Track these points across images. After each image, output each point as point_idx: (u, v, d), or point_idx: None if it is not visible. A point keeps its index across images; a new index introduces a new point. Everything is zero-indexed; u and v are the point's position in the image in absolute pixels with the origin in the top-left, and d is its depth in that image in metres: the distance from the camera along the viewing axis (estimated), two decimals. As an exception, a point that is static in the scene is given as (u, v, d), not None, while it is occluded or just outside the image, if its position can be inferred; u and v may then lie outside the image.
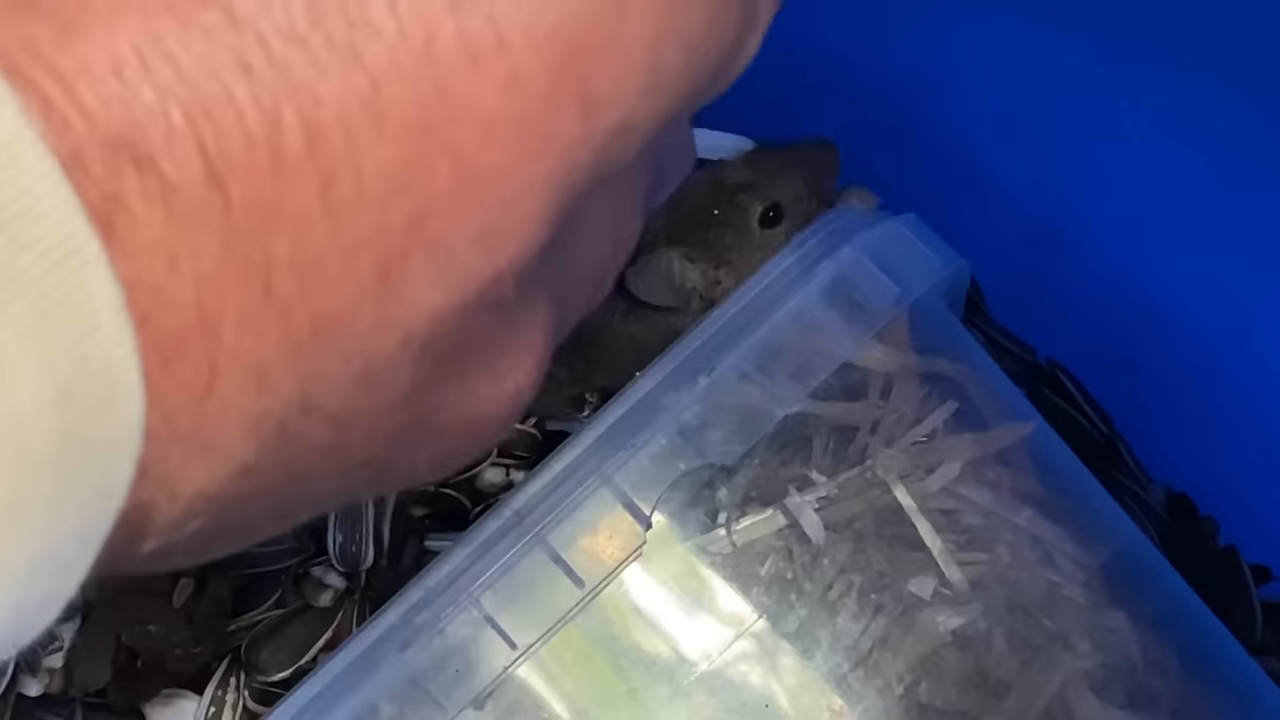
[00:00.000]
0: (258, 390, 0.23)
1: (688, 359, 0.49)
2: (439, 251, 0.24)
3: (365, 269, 0.23)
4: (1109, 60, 0.62)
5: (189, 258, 0.22)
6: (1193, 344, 0.67)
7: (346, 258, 0.23)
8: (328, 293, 0.23)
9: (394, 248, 0.23)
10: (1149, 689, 0.52)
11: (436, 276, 0.24)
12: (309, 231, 0.22)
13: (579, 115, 0.25)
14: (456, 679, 0.46)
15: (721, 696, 0.49)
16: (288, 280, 0.22)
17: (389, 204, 0.23)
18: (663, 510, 0.48)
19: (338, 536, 0.67)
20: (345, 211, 0.23)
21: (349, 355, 0.24)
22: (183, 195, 0.21)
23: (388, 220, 0.23)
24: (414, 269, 0.24)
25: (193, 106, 0.21)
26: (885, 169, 0.73)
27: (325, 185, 0.22)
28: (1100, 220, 0.68)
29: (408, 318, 0.24)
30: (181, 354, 0.22)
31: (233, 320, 0.22)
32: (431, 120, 0.23)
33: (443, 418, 0.28)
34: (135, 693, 0.68)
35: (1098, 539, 0.54)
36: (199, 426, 0.23)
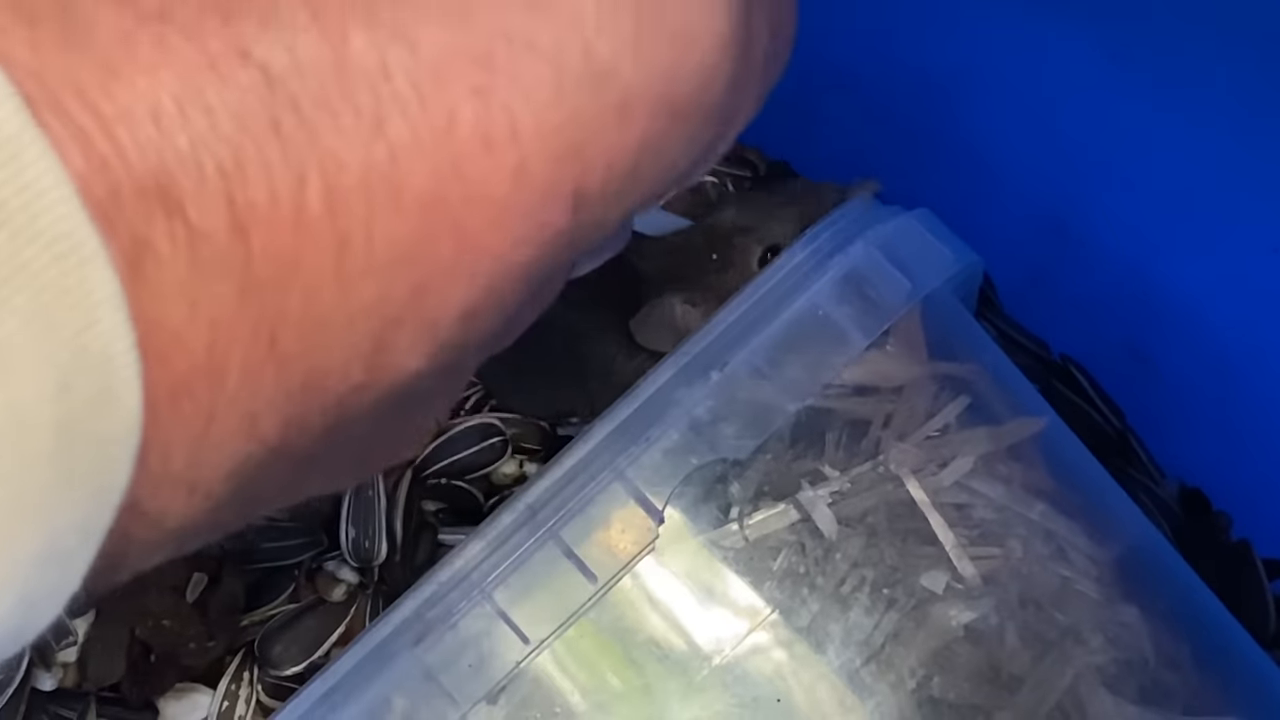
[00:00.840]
0: (246, 436, 0.24)
1: (700, 354, 0.49)
2: (427, 325, 0.25)
3: (363, 334, 0.24)
4: (1121, 55, 0.62)
5: (207, 304, 0.22)
6: (1205, 338, 0.67)
7: (349, 321, 0.24)
8: (325, 352, 0.24)
9: (391, 317, 0.24)
10: (1162, 684, 0.52)
11: (420, 347, 0.25)
12: (319, 291, 0.23)
13: (569, 209, 0.26)
14: (470, 673, 0.46)
15: (734, 691, 0.49)
16: (292, 335, 0.23)
17: (394, 274, 0.24)
18: (675, 505, 0.48)
19: (350, 531, 0.68)
20: (355, 276, 0.23)
21: (327, 408, 0.25)
22: (207, 243, 0.22)
23: (391, 290, 0.24)
24: (403, 339, 0.25)
25: (224, 158, 0.22)
26: (898, 164, 0.73)
27: (340, 248, 0.23)
28: (1112, 214, 0.68)
29: (386, 381, 0.25)
30: (188, 395, 0.22)
31: (237, 368, 0.23)
32: (445, 198, 0.24)
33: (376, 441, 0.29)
34: (149, 687, 0.68)
35: (1110, 534, 0.54)
36: (190, 467, 0.23)
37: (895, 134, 0.74)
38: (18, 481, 0.21)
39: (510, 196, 0.25)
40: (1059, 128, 0.67)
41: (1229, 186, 0.62)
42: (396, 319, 0.24)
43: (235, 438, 0.24)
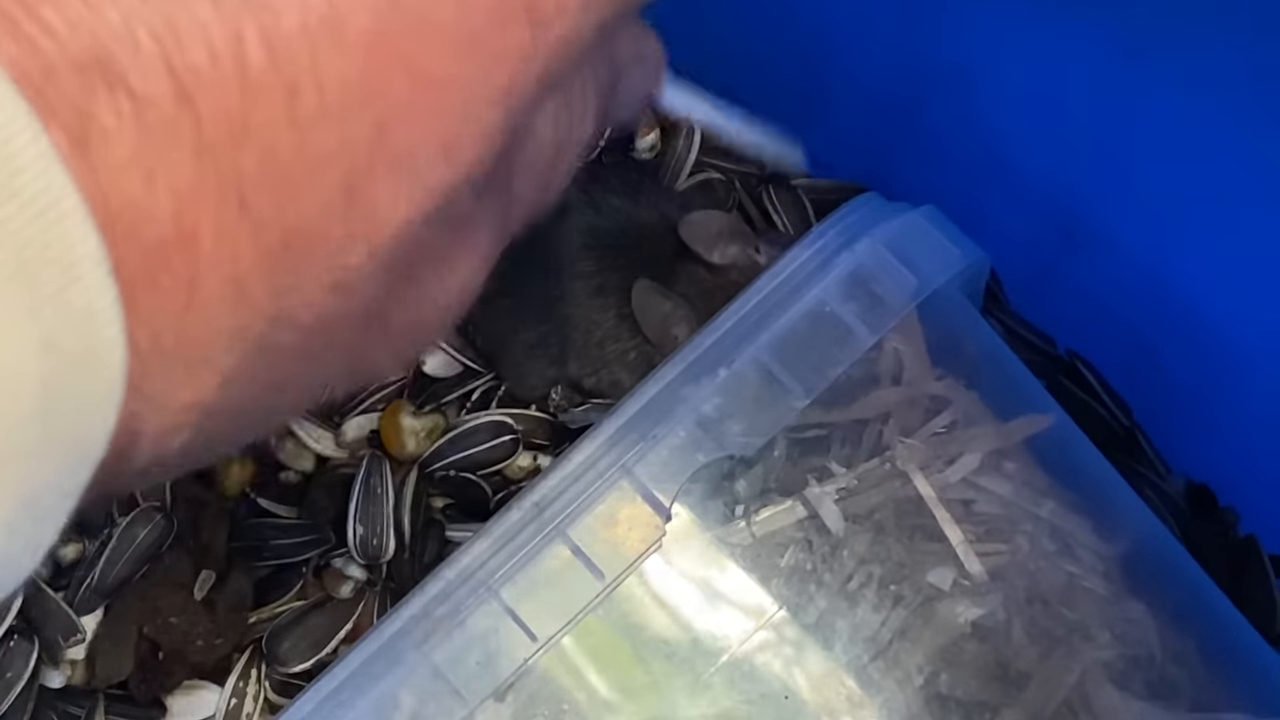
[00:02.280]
0: (236, 302, 0.24)
1: (707, 351, 0.49)
2: (402, 165, 0.25)
3: (332, 183, 0.24)
4: (1129, 51, 0.62)
5: (164, 172, 0.22)
6: (1212, 334, 0.67)
7: (313, 172, 0.24)
8: (297, 207, 0.24)
9: (359, 162, 0.24)
10: (1169, 679, 0.52)
11: (401, 190, 0.25)
12: (277, 145, 0.23)
13: (526, 28, 0.26)
14: (477, 670, 0.46)
15: (742, 687, 0.49)
16: (259, 194, 0.23)
17: (351, 116, 0.24)
18: (682, 502, 0.48)
19: (358, 528, 0.68)
20: (310, 124, 0.23)
21: (320, 269, 0.25)
22: (153, 111, 0.22)
23: (351, 134, 0.24)
24: (379, 184, 0.25)
25: (157, 26, 0.22)
26: (905, 160, 0.73)
27: (290, 98, 0.23)
28: (1120, 211, 0.68)
29: (374, 231, 0.25)
30: (164, 266, 0.22)
31: (210, 232, 0.23)
32: (387, 31, 0.24)
33: (398, 317, 0.29)
34: (157, 684, 0.68)
35: (1117, 530, 0.54)
36: (183, 340, 0.23)
37: (902, 130, 0.74)
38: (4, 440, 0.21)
39: (456, 22, 0.24)
40: (1066, 125, 0.67)
41: (1237, 183, 0.62)
42: (365, 165, 0.24)
43: (224, 305, 0.24)
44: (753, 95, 0.78)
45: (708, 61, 0.77)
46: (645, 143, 0.79)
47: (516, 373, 0.72)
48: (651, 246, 0.67)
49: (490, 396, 0.73)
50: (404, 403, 0.71)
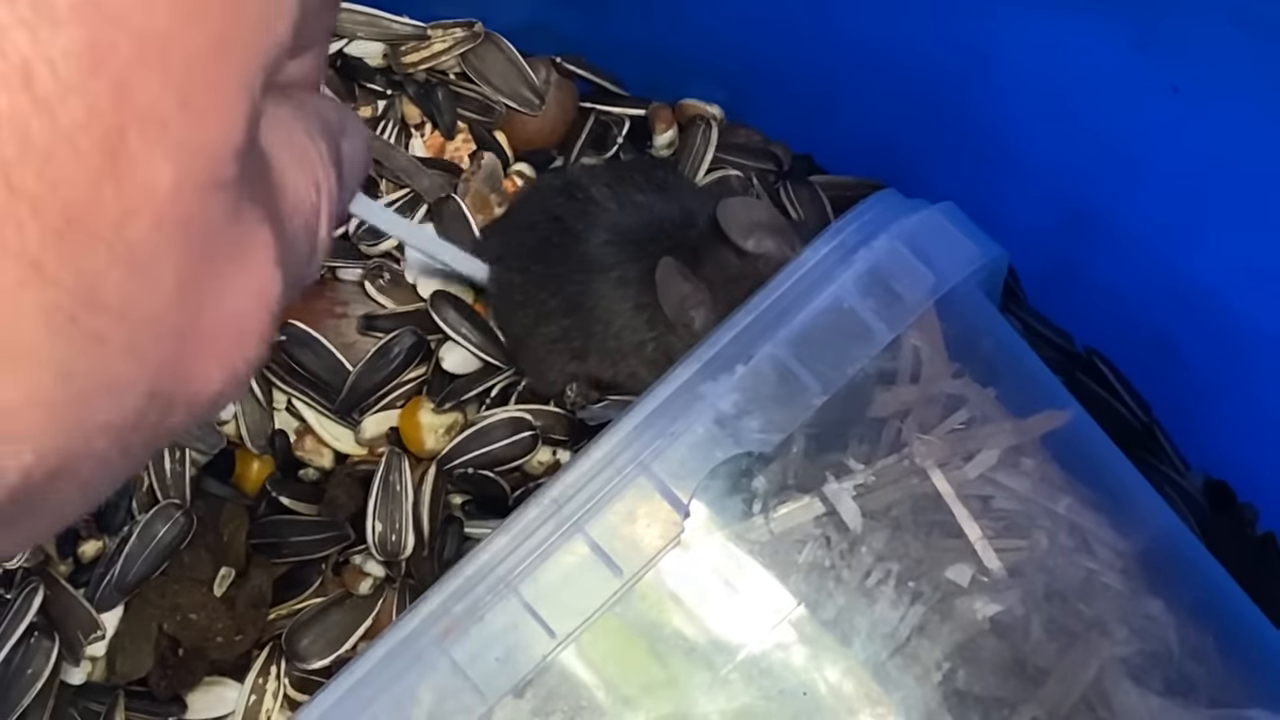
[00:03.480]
0: (37, 281, 0.24)
1: (725, 348, 0.49)
2: (153, 125, 0.25)
3: (91, 151, 0.24)
4: (1146, 47, 0.62)
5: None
6: (1231, 331, 0.67)
7: (70, 143, 0.24)
8: (67, 181, 0.24)
9: (110, 126, 0.25)
10: (1187, 676, 0.52)
11: (160, 151, 0.26)
12: (28, 126, 0.24)
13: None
14: (496, 667, 0.46)
15: (760, 683, 0.49)
16: (25, 174, 0.24)
17: (89, 84, 0.24)
18: (701, 498, 0.48)
19: (377, 525, 0.68)
20: (54, 100, 0.24)
21: (112, 243, 0.25)
22: None
23: (95, 102, 0.24)
24: (135, 144, 0.25)
25: None
26: (922, 158, 0.73)
27: (26, 81, 0.24)
28: (1138, 207, 0.68)
29: (150, 199, 0.26)
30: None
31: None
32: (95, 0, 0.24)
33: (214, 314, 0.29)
34: (177, 681, 0.68)
35: (1135, 526, 0.54)
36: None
37: (920, 128, 0.74)
38: None
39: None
40: (1083, 121, 0.67)
41: (1255, 179, 0.62)
42: (117, 126, 0.25)
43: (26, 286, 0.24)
44: (770, 94, 0.79)
45: (724, 60, 0.77)
46: (663, 139, 0.79)
47: (537, 368, 0.73)
48: (673, 239, 0.67)
49: (509, 393, 0.73)
50: (423, 399, 0.72)
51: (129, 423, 0.28)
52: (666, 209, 0.69)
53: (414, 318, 0.73)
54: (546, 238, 0.70)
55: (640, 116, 0.80)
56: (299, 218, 0.33)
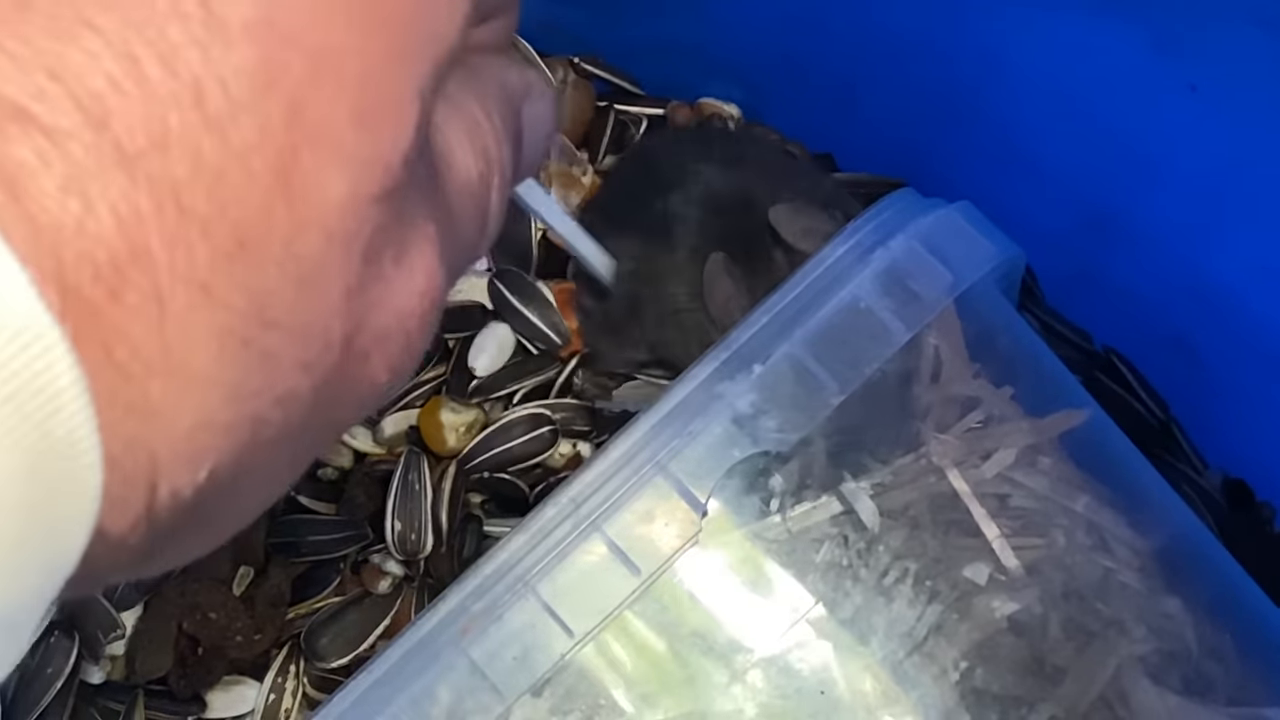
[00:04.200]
0: (207, 304, 0.24)
1: (742, 347, 0.49)
2: (325, 141, 0.25)
3: (263, 171, 0.24)
4: (1163, 46, 0.62)
5: (98, 192, 0.23)
6: (1249, 329, 0.67)
7: (242, 164, 0.24)
8: (237, 201, 0.24)
9: (283, 145, 0.25)
10: (1205, 674, 0.52)
11: (333, 166, 0.26)
12: (200, 146, 0.24)
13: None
14: (514, 666, 0.47)
15: (777, 682, 0.49)
16: (196, 195, 0.24)
17: (261, 104, 0.24)
18: (718, 498, 0.48)
19: (396, 524, 0.68)
20: (225, 120, 0.24)
21: (281, 261, 0.25)
22: (72, 141, 0.22)
23: (267, 121, 0.24)
24: (309, 163, 0.25)
25: (53, 66, 0.23)
26: (940, 157, 0.73)
27: (198, 100, 0.23)
28: (1155, 206, 0.68)
29: (321, 214, 0.26)
30: (123, 280, 0.23)
31: (158, 240, 0.23)
32: (268, 17, 0.24)
33: (379, 318, 0.29)
34: (196, 680, 0.68)
35: (1153, 525, 0.54)
36: (168, 351, 0.24)
37: (937, 127, 0.74)
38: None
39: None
40: (1102, 120, 0.67)
41: (1273, 178, 0.62)
42: (289, 146, 0.25)
43: (196, 309, 0.24)
44: (787, 92, 0.79)
45: (742, 60, 0.77)
46: (682, 136, 0.79)
47: (595, 344, 0.73)
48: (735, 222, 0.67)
49: (531, 396, 0.73)
50: (443, 398, 0.72)
51: (297, 429, 0.28)
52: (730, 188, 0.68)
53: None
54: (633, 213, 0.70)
55: (658, 115, 0.80)
56: (467, 196, 0.33)
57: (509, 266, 0.74)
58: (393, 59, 0.27)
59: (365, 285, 0.28)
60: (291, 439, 0.28)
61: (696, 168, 0.69)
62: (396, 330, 0.30)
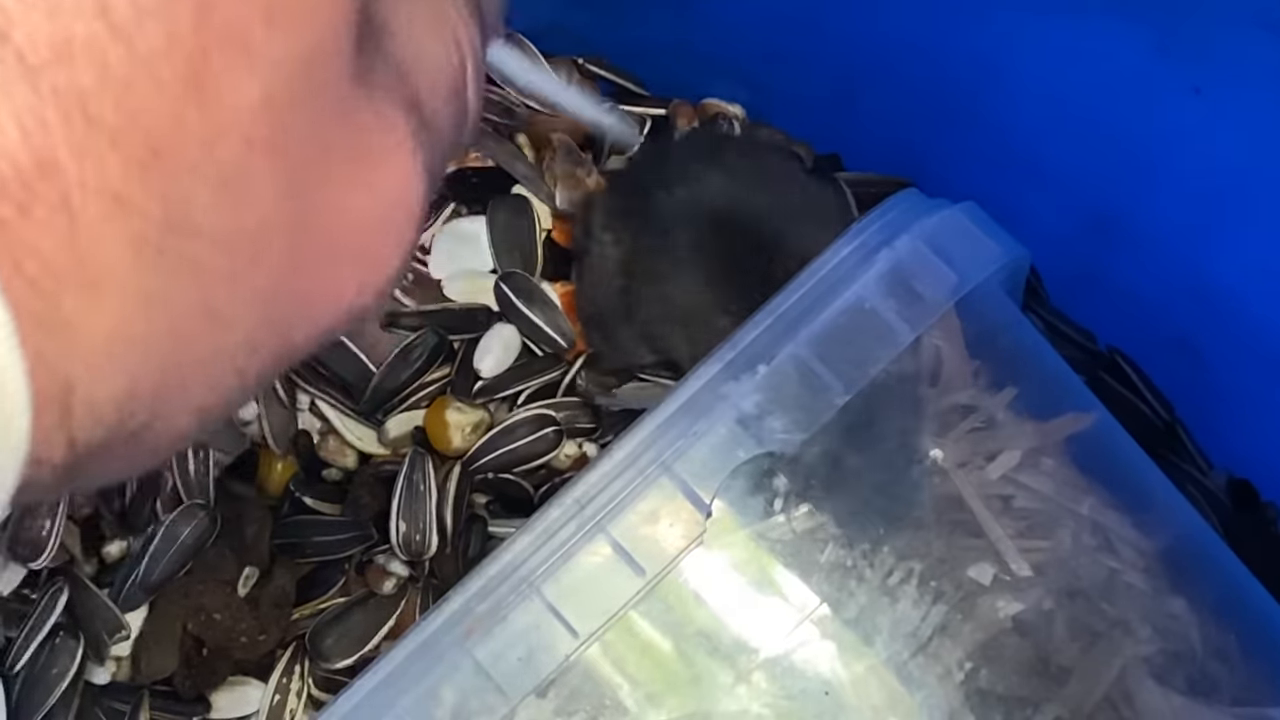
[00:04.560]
0: (120, 213, 0.24)
1: (746, 348, 0.49)
2: (233, 41, 0.25)
3: (172, 78, 0.24)
4: (1167, 48, 0.62)
5: (1, 106, 0.22)
6: (1253, 328, 0.67)
7: (150, 71, 0.24)
8: (148, 110, 0.24)
9: (191, 50, 0.24)
10: (1209, 675, 0.52)
11: (244, 69, 0.25)
12: (106, 56, 0.23)
13: None
14: (519, 667, 0.47)
15: (782, 683, 0.49)
16: (104, 104, 0.23)
17: (167, 8, 0.24)
18: (723, 498, 0.48)
19: (401, 525, 0.68)
20: (130, 27, 0.23)
21: (198, 167, 0.25)
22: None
23: (174, 26, 0.24)
24: (219, 66, 0.25)
25: None
26: (944, 157, 0.73)
27: (101, 7, 0.23)
28: (1160, 207, 0.68)
29: (236, 118, 0.25)
30: (32, 194, 0.23)
31: (66, 151, 0.23)
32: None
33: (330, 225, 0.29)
34: (201, 680, 0.68)
35: (1158, 525, 0.54)
36: (79, 261, 0.23)
37: (942, 127, 0.74)
38: None
39: None
40: (1106, 121, 0.67)
41: (1276, 180, 0.62)
42: (199, 51, 0.24)
43: (109, 219, 0.24)
44: (792, 93, 0.79)
45: (746, 60, 0.77)
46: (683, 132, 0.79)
47: (597, 344, 0.73)
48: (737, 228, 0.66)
49: (535, 398, 0.73)
50: (449, 398, 0.72)
51: (241, 346, 0.28)
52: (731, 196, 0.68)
53: (438, 316, 0.73)
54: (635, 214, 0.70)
55: (662, 116, 0.80)
56: (441, 88, 0.32)
57: (514, 269, 0.74)
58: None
59: (307, 190, 0.27)
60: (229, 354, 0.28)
61: (700, 171, 0.69)
62: (359, 238, 0.30)
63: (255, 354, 0.28)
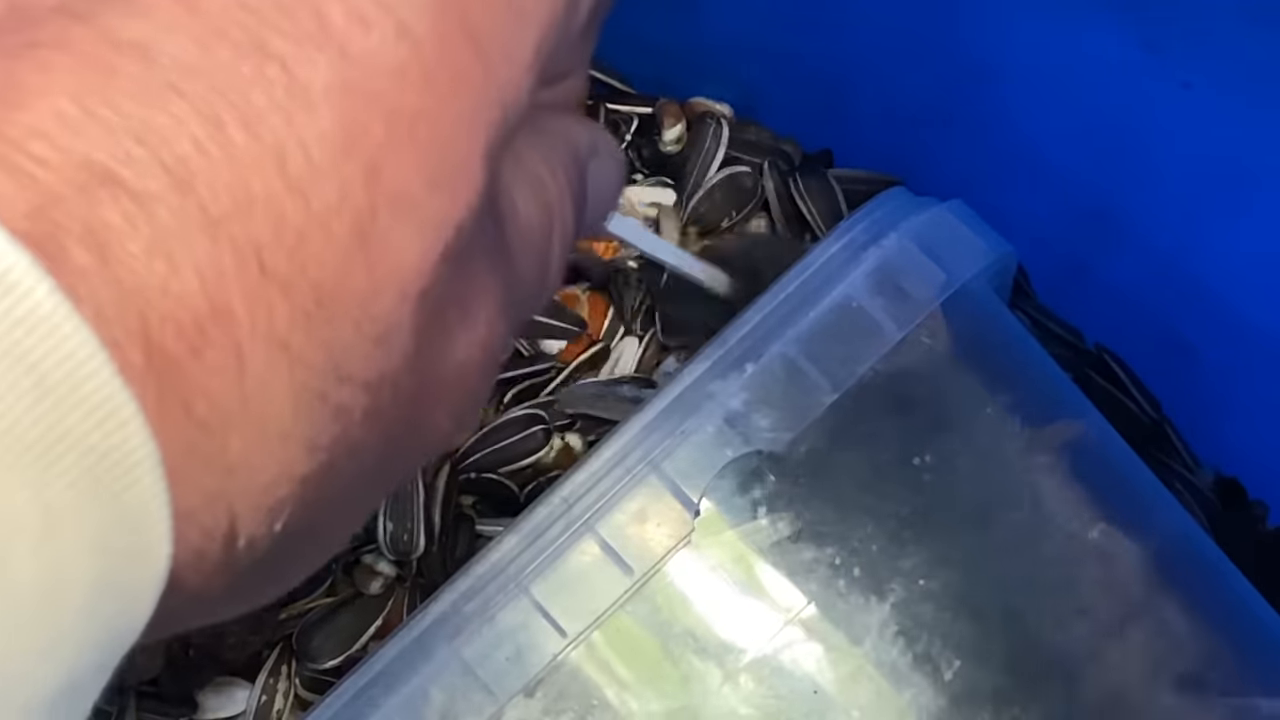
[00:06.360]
0: (285, 361, 0.25)
1: (734, 346, 0.49)
2: (402, 204, 0.26)
3: (343, 233, 0.25)
4: (1156, 42, 0.62)
5: (182, 254, 0.23)
6: (1242, 326, 0.67)
7: (323, 226, 0.25)
8: (317, 262, 0.25)
9: (361, 208, 0.25)
10: (1199, 673, 0.52)
11: (409, 228, 0.26)
12: (282, 209, 0.24)
13: (472, 52, 0.27)
14: (507, 666, 0.47)
15: (770, 682, 0.49)
16: (277, 255, 0.24)
17: (341, 168, 0.25)
18: (711, 497, 0.48)
19: (388, 524, 0.68)
20: (306, 184, 0.25)
21: (358, 320, 0.26)
22: (158, 204, 0.23)
23: (347, 185, 0.25)
24: (386, 225, 0.26)
25: (140, 131, 0.23)
26: (932, 155, 0.73)
27: (280, 164, 0.24)
28: (1149, 203, 0.68)
29: (397, 275, 0.26)
30: (204, 338, 0.24)
31: (240, 299, 0.24)
32: (347, 83, 0.25)
33: (443, 370, 0.30)
34: (188, 681, 0.68)
35: (1147, 523, 0.54)
36: (245, 406, 0.24)
37: (929, 124, 0.74)
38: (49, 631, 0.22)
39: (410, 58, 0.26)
40: (1094, 117, 0.67)
41: (1268, 175, 0.62)
42: (369, 209, 0.25)
43: (275, 366, 0.25)
44: (780, 90, 0.79)
45: (734, 58, 0.77)
46: (671, 134, 0.79)
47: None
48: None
49: (525, 396, 0.73)
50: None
51: (368, 476, 0.29)
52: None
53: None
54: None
55: (649, 114, 0.80)
56: (529, 248, 0.34)
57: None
58: (464, 122, 0.27)
59: (432, 339, 0.29)
60: (363, 485, 0.29)
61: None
62: (459, 380, 0.31)
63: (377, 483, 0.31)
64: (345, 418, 0.27)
